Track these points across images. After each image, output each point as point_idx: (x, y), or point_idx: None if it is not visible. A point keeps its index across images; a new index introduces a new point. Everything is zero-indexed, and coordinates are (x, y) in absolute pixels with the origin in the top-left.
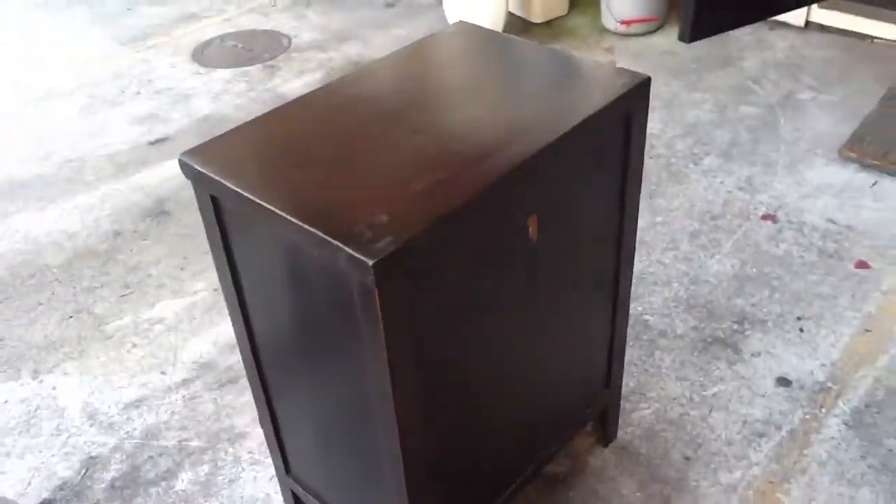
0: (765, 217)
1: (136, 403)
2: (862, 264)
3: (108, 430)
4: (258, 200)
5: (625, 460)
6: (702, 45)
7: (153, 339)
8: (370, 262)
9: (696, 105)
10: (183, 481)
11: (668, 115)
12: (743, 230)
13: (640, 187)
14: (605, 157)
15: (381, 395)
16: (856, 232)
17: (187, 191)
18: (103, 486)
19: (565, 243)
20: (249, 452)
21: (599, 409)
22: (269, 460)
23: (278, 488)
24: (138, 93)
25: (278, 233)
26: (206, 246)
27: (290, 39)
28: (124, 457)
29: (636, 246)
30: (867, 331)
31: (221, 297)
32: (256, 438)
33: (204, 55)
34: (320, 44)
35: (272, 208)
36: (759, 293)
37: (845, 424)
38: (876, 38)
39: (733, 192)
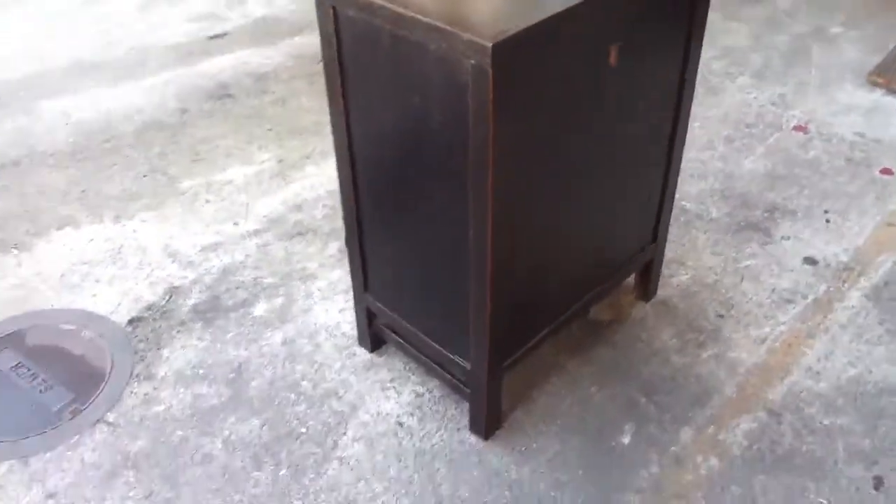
0: (796, 128)
1: (213, 247)
2: (887, 171)
3: (188, 267)
4: (384, 3)
5: (664, 314)
6: None
7: (225, 196)
8: (489, 44)
9: (731, 32)
10: (260, 309)
11: (705, 40)
12: (775, 137)
13: (701, 41)
14: (675, 4)
15: (480, 191)
16: (883, 145)
17: (250, 78)
18: (186, 309)
19: (638, 77)
20: (319, 290)
21: (646, 261)
22: (339, 297)
23: (348, 317)
24: None
25: (398, 34)
26: (270, 124)
27: None
28: (204, 288)
29: None
30: (889, 224)
31: (287, 167)
32: (325, 279)
33: None
34: None
35: (396, 7)
36: (789, 189)
37: (865, 297)
38: None
39: (766, 107)
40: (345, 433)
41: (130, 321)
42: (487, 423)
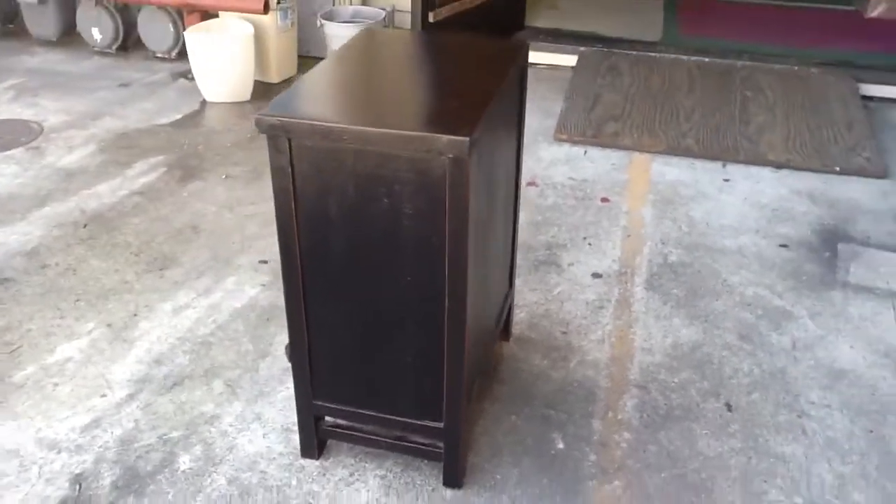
0: (529, 184)
1: (94, 424)
2: (605, 199)
3: (80, 451)
4: (349, 126)
5: (525, 346)
6: None
7: (72, 375)
8: (467, 139)
9: None
10: (184, 462)
11: None
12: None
13: (524, 123)
14: (514, 96)
15: (456, 265)
16: (589, 182)
17: (20, 258)
18: (106, 490)
19: (504, 148)
20: (231, 426)
21: (508, 306)
22: (254, 425)
23: (274, 439)
24: None
25: (364, 150)
26: (73, 294)
27: (39, 124)
28: (111, 464)
29: None
30: (628, 236)
31: (119, 330)
32: (230, 414)
33: None
34: (75, 124)
35: (363, 128)
36: (551, 230)
37: (644, 289)
38: (538, 64)
39: None
40: None
41: None
42: (460, 473)
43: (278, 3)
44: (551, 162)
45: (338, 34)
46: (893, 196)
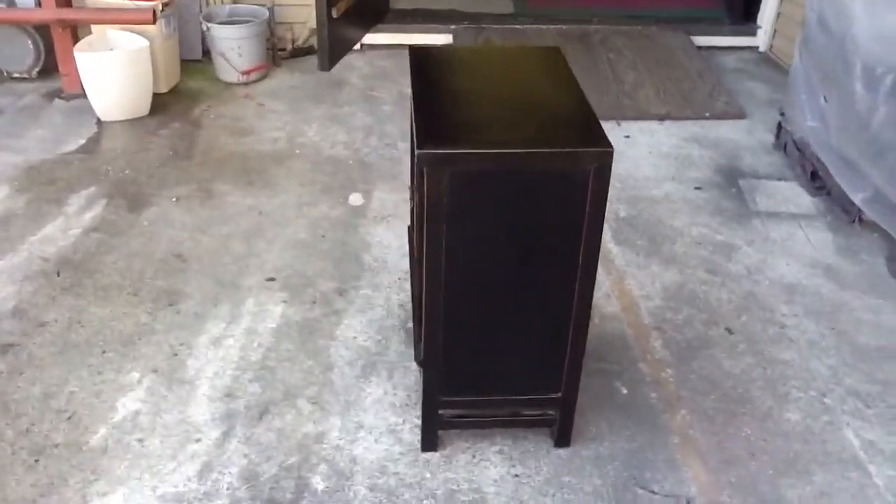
0: None
1: (206, 469)
2: None
3: (210, 498)
4: (502, 151)
5: None
6: (313, 78)
7: (149, 426)
8: (611, 150)
9: (352, 115)
10: (318, 483)
11: (334, 124)
12: None
13: None
14: None
15: (589, 255)
16: None
17: (8, 320)
18: None
19: None
20: (340, 439)
21: None
22: (361, 433)
23: (387, 443)
24: None
25: (510, 169)
26: (100, 344)
27: None
28: (250, 502)
29: None
30: None
31: (169, 372)
32: (334, 429)
33: None
34: None
35: (516, 150)
36: None
37: (616, 244)
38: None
39: None
40: None
41: None
42: (569, 434)
43: (161, 10)
44: None
45: (226, 36)
46: (757, 132)
